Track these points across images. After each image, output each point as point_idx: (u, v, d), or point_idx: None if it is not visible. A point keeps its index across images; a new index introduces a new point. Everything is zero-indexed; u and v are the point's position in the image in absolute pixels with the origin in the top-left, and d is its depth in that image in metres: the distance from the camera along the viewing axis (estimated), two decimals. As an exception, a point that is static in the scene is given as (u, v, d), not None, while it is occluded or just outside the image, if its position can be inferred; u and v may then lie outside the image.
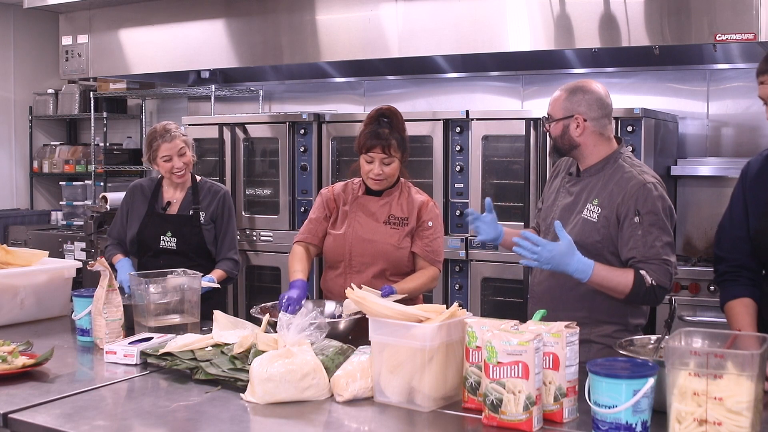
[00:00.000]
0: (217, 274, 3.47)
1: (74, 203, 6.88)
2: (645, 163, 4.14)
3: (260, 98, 6.15)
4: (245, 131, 5.31)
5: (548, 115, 2.79)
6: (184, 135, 3.58)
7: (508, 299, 4.57)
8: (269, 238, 5.19)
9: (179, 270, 3.01)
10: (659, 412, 1.85)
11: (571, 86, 2.76)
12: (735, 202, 2.53)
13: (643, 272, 2.55)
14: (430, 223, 3.11)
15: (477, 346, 2.07)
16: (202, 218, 3.58)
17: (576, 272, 2.52)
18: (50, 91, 7.17)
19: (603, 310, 2.69)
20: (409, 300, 2.96)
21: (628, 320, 2.73)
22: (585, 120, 2.70)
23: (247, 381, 2.22)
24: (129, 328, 2.82)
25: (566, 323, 2.05)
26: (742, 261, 2.50)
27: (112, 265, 3.65)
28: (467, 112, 4.66)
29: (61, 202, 7.00)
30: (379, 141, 3.01)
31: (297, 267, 3.07)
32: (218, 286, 3.36)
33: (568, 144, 2.75)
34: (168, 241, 3.53)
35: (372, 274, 3.05)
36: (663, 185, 2.69)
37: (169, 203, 3.62)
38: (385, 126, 3.04)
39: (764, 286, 2.51)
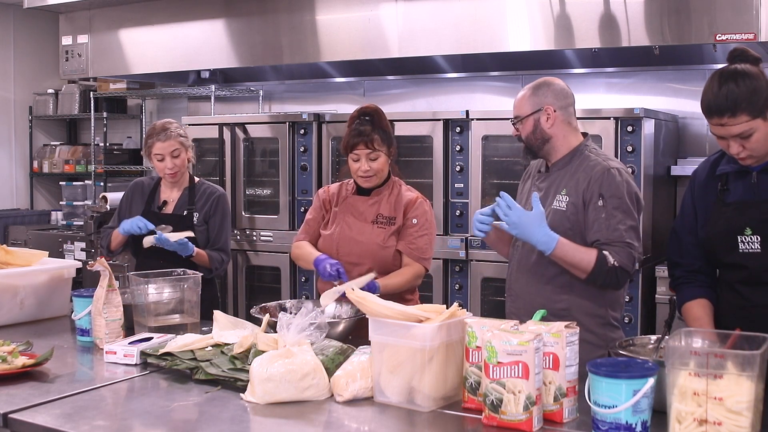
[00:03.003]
0: (197, 250, 3.45)
1: (74, 203, 6.88)
2: (645, 163, 4.21)
3: (260, 98, 6.15)
4: (245, 131, 5.32)
5: (515, 117, 2.81)
6: (182, 136, 3.56)
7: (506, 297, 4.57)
8: (269, 238, 5.19)
9: (179, 270, 3.01)
10: (659, 412, 1.85)
11: (534, 84, 2.82)
12: (685, 208, 2.55)
13: (605, 252, 2.59)
14: (414, 221, 3.13)
15: (477, 346, 2.07)
16: (195, 219, 3.56)
17: (539, 243, 2.56)
18: (50, 91, 7.17)
19: (583, 303, 2.70)
20: (401, 298, 2.97)
21: (608, 312, 2.75)
22: (554, 110, 2.75)
23: (247, 381, 2.22)
24: (129, 328, 2.82)
25: (566, 323, 2.06)
26: (697, 265, 2.53)
27: (111, 251, 3.66)
28: (467, 112, 4.66)
29: (61, 202, 7.00)
30: (362, 138, 3.06)
31: (310, 250, 3.17)
32: (186, 239, 3.37)
33: (540, 138, 2.78)
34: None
35: (359, 274, 3.05)
36: (628, 172, 2.75)
37: (165, 202, 3.62)
38: (367, 123, 3.09)
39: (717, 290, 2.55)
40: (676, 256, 2.58)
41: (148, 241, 3.38)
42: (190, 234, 3.44)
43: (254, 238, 5.25)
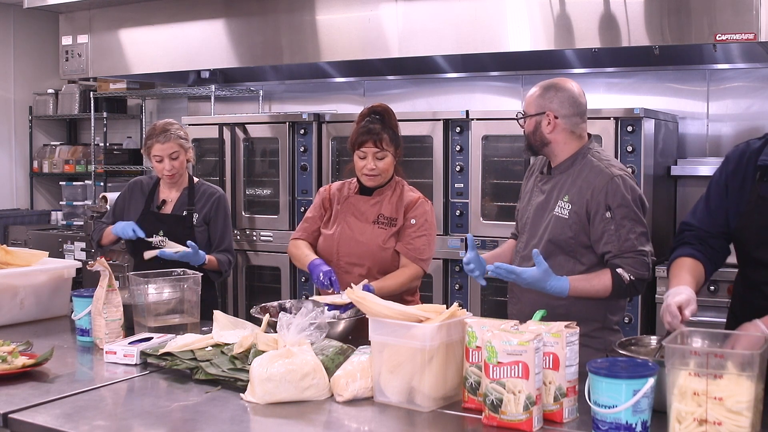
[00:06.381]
0: (208, 257, 3.44)
1: (74, 203, 6.88)
2: (645, 163, 4.21)
3: (260, 98, 6.15)
4: (245, 131, 5.32)
5: (522, 111, 2.81)
6: (182, 138, 3.54)
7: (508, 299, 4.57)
8: (269, 238, 5.20)
9: (179, 270, 3.01)
10: (659, 412, 1.85)
11: (546, 84, 2.78)
12: (712, 185, 2.49)
13: (619, 270, 2.59)
14: (413, 221, 3.10)
15: (477, 346, 2.07)
16: (194, 219, 3.56)
17: (553, 293, 2.58)
18: (50, 91, 7.17)
19: (582, 307, 2.69)
20: (401, 300, 2.96)
21: (607, 317, 2.75)
22: (556, 117, 2.72)
23: (247, 381, 2.22)
24: (129, 328, 2.82)
25: (566, 323, 2.06)
26: (706, 235, 2.45)
27: (101, 246, 3.65)
28: (467, 112, 4.66)
29: (61, 202, 7.01)
30: (371, 136, 3.04)
31: (306, 252, 3.15)
32: (189, 250, 3.30)
33: (540, 141, 2.77)
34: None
35: (359, 274, 3.05)
36: (632, 177, 2.72)
37: (164, 202, 3.61)
38: (377, 122, 3.07)
39: (736, 287, 2.52)
40: (691, 219, 2.52)
41: (149, 255, 3.35)
42: (186, 249, 3.35)
43: (254, 238, 5.25)
